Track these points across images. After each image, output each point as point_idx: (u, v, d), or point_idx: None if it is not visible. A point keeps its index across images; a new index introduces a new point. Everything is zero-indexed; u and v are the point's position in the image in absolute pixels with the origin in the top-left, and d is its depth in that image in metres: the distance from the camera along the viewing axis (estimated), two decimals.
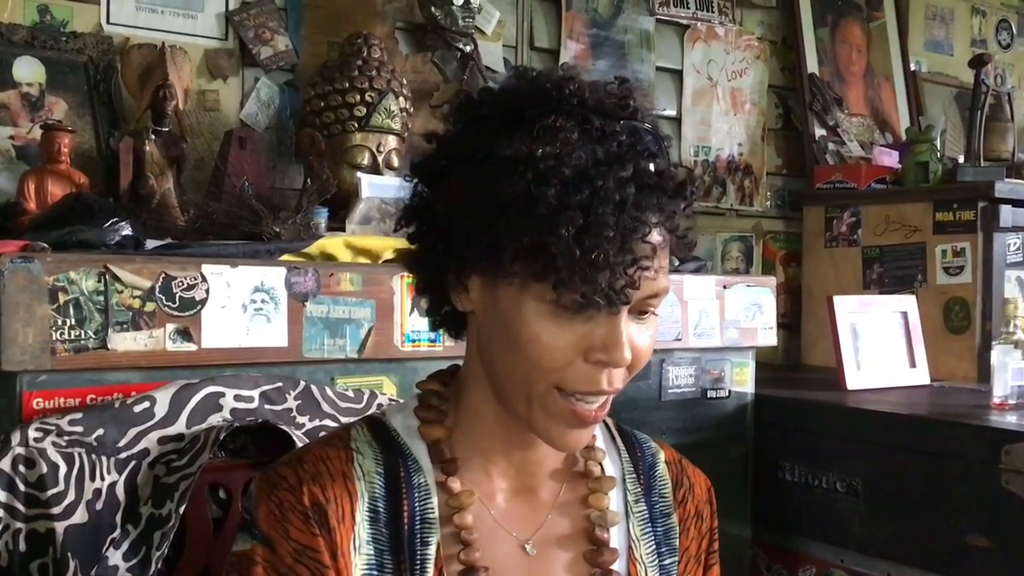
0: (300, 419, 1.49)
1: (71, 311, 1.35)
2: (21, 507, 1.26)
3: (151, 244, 1.56)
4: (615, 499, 1.02)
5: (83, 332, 1.36)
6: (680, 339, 2.05)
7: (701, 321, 2.09)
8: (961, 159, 2.94)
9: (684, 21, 2.92)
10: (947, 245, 2.68)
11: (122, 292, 1.39)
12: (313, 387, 1.52)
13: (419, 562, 0.92)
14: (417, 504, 0.94)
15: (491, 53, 2.49)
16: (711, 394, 2.16)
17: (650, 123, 0.90)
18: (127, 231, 1.53)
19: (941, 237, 2.69)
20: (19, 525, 1.26)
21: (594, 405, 0.89)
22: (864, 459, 2.06)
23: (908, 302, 2.57)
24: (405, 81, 2.11)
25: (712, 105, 2.98)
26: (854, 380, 2.37)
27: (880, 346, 2.46)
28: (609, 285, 0.83)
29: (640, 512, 1.04)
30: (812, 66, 3.14)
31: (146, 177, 1.81)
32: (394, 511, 0.93)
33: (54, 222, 1.52)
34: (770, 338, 2.23)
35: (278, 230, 1.69)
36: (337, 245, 1.69)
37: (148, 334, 1.41)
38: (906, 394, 2.37)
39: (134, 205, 1.75)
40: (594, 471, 1.02)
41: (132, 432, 1.34)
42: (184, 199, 1.88)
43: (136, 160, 1.82)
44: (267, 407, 1.46)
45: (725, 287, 2.14)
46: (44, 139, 1.74)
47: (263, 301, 1.52)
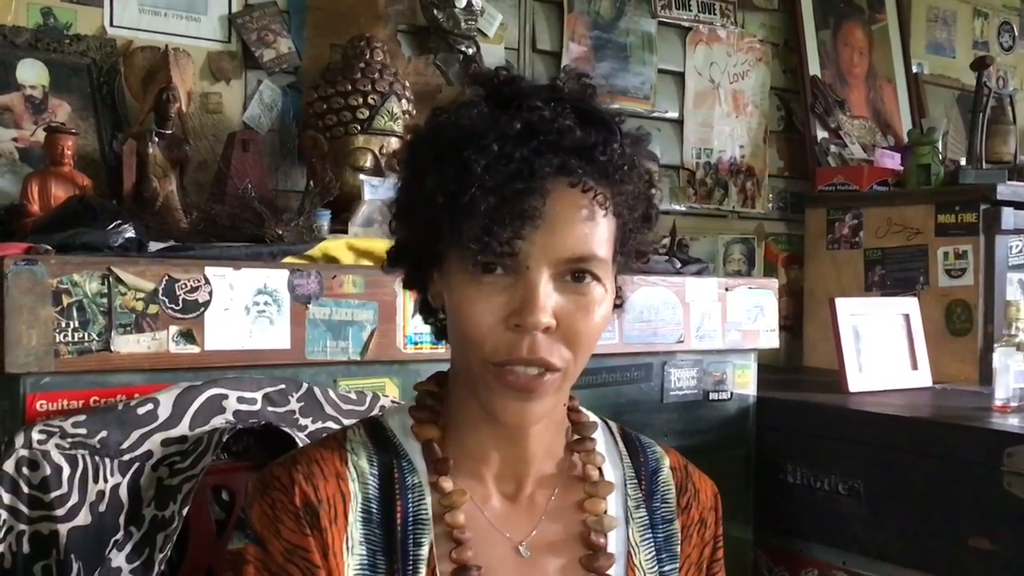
0: (303, 421, 1.49)
1: (75, 313, 1.35)
2: (24, 509, 1.27)
3: (154, 246, 1.56)
4: (614, 504, 1.02)
5: (86, 334, 1.36)
6: (682, 341, 2.05)
7: (703, 323, 2.09)
8: (963, 161, 2.94)
9: (686, 23, 2.92)
10: (949, 247, 2.68)
11: (125, 294, 1.39)
12: (316, 389, 1.52)
13: (411, 562, 0.92)
14: (410, 505, 0.94)
15: (493, 55, 2.49)
16: (713, 396, 2.16)
17: (588, 105, 0.92)
18: (130, 233, 1.53)
19: (943, 239, 2.69)
20: (22, 527, 1.26)
21: (526, 373, 0.88)
22: (866, 461, 2.06)
23: (910, 304, 2.57)
24: (407, 84, 2.11)
25: (714, 107, 2.98)
26: (856, 382, 2.37)
27: (882, 348, 2.47)
28: (488, 234, 0.84)
29: (640, 517, 1.03)
30: (814, 68, 3.14)
31: (149, 179, 1.82)
32: (387, 512, 0.93)
33: (57, 224, 1.52)
34: (772, 340, 2.23)
35: (281, 232, 1.69)
36: (340, 247, 1.69)
37: (151, 336, 1.41)
38: (908, 396, 2.37)
39: (137, 207, 1.76)
40: (592, 475, 1.01)
41: (135, 434, 1.35)
42: (187, 201, 1.88)
43: (139, 162, 1.82)
44: (270, 409, 1.47)
45: (727, 289, 2.14)
46: (47, 141, 1.74)
47: (266, 303, 1.52)
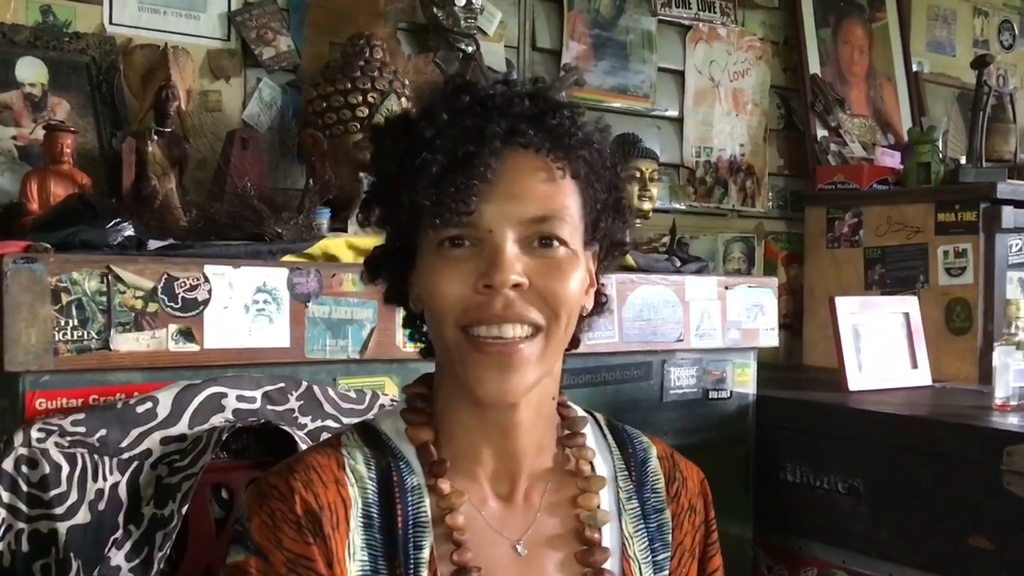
0: (302, 420, 1.49)
1: (74, 312, 1.35)
2: (24, 507, 1.27)
3: (153, 245, 1.56)
4: (607, 498, 1.02)
5: (86, 333, 1.36)
6: (682, 340, 2.05)
7: (703, 322, 2.09)
8: (963, 160, 2.93)
9: (686, 22, 2.92)
10: (949, 246, 2.68)
11: (125, 293, 1.39)
12: (315, 388, 1.52)
13: (413, 565, 0.92)
14: (410, 507, 0.94)
15: (493, 54, 2.49)
16: (713, 395, 2.16)
17: (539, 89, 0.95)
18: (129, 232, 1.53)
19: (943, 238, 2.69)
20: (22, 525, 1.27)
21: (503, 340, 0.89)
22: (866, 460, 2.06)
23: (910, 303, 2.57)
24: (407, 82, 2.11)
25: (714, 106, 2.98)
26: (856, 381, 2.37)
27: (882, 347, 2.46)
28: (437, 194, 0.88)
29: (633, 509, 1.03)
30: (814, 67, 3.14)
31: (148, 178, 1.81)
32: (388, 515, 0.93)
33: (57, 223, 1.52)
34: (772, 339, 2.23)
35: (280, 231, 1.69)
36: (339, 246, 1.69)
37: (151, 335, 1.41)
38: (908, 395, 2.37)
39: (136, 206, 1.75)
40: (584, 470, 1.02)
41: (135, 433, 1.35)
42: (186, 200, 1.88)
43: (139, 161, 1.82)
44: (269, 408, 1.47)
45: (727, 288, 2.14)
46: (47, 140, 1.74)
47: (265, 302, 1.52)
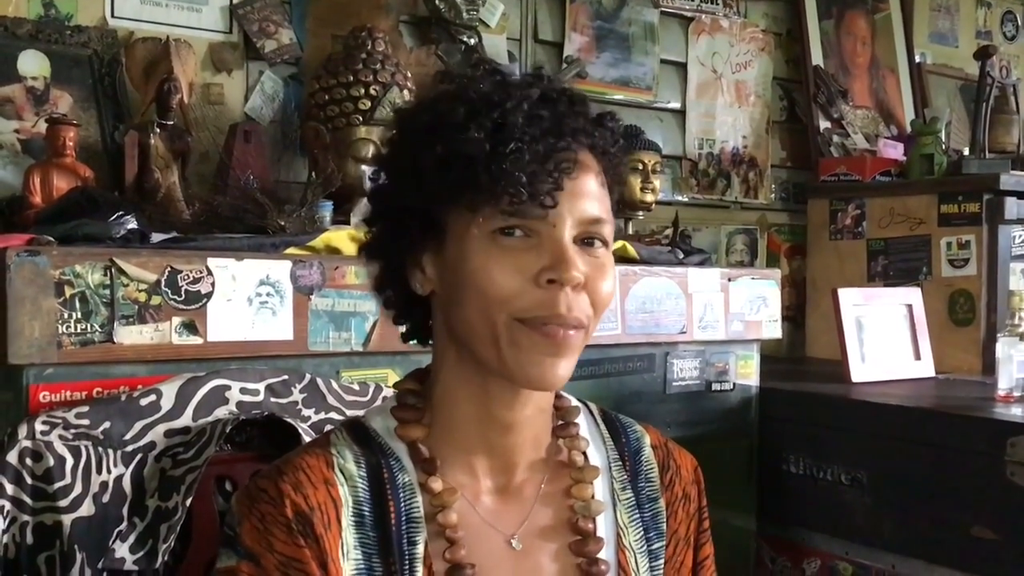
0: (306, 412, 1.49)
1: (77, 304, 1.35)
2: (28, 500, 1.27)
3: (156, 237, 1.56)
4: (601, 488, 1.02)
5: (89, 325, 1.36)
6: (685, 332, 2.05)
7: (705, 314, 2.09)
8: (966, 151, 2.93)
9: (688, 13, 2.91)
10: (952, 237, 2.67)
11: (128, 285, 1.39)
12: (319, 380, 1.52)
13: (407, 562, 0.91)
14: (403, 504, 0.93)
15: (495, 46, 2.48)
16: (715, 387, 2.16)
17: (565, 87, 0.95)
18: (132, 225, 1.53)
19: (946, 229, 2.69)
20: (26, 518, 1.27)
21: (564, 329, 0.89)
22: (869, 452, 2.06)
23: (913, 294, 2.57)
24: (409, 74, 2.10)
25: (716, 98, 2.97)
26: (859, 373, 2.37)
27: (885, 339, 2.46)
28: (531, 184, 0.86)
29: (627, 499, 1.03)
30: (817, 58, 3.14)
31: (151, 171, 1.81)
32: (380, 513, 0.92)
33: (60, 216, 1.52)
34: (775, 331, 2.23)
35: (283, 223, 1.69)
36: (342, 238, 1.69)
37: (154, 327, 1.41)
38: (911, 387, 2.37)
39: (139, 199, 1.75)
40: (577, 461, 1.01)
41: (138, 425, 1.35)
42: (189, 192, 1.88)
43: (141, 154, 1.82)
44: (273, 400, 1.47)
45: (729, 280, 2.14)
46: (49, 133, 1.74)
47: (268, 294, 1.52)
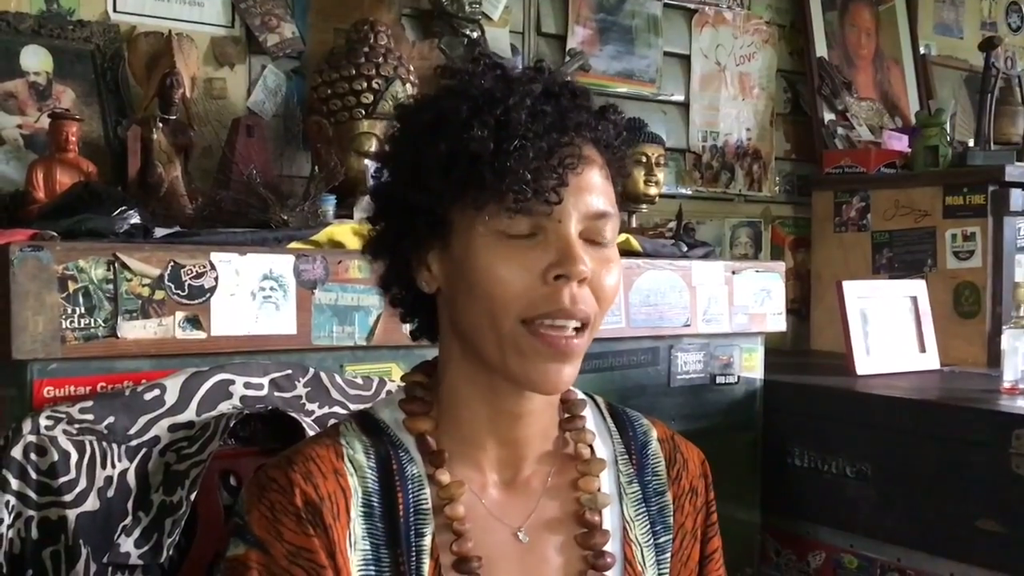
0: (309, 406, 1.49)
1: (81, 299, 1.35)
2: (33, 495, 1.27)
3: (160, 232, 1.56)
4: (607, 481, 1.02)
5: (93, 320, 1.36)
6: (689, 325, 2.05)
7: (710, 307, 2.09)
8: (971, 143, 2.92)
9: (692, 6, 2.90)
10: (957, 229, 2.67)
11: (131, 280, 1.39)
12: (322, 374, 1.52)
13: (415, 553, 0.91)
14: (411, 495, 0.93)
15: (498, 39, 2.48)
16: (720, 380, 2.16)
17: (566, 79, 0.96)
18: (135, 219, 1.53)
19: (951, 221, 2.68)
20: (31, 513, 1.27)
21: (564, 331, 0.88)
22: (874, 444, 2.06)
23: (918, 287, 2.57)
24: (412, 68, 2.10)
25: (720, 90, 2.96)
26: (863, 365, 2.36)
27: (890, 331, 2.46)
28: (535, 181, 0.85)
29: (633, 492, 1.03)
30: (821, 50, 3.12)
31: (154, 165, 1.81)
32: (389, 504, 0.92)
33: (63, 211, 1.52)
34: (779, 324, 2.23)
35: (286, 218, 1.69)
36: (345, 232, 1.69)
37: (157, 322, 1.41)
38: (916, 379, 2.37)
39: (142, 193, 1.75)
40: (583, 453, 1.01)
41: (142, 420, 1.35)
42: (192, 187, 1.88)
43: (144, 148, 1.82)
44: (276, 394, 1.47)
45: (734, 273, 2.14)
46: (52, 128, 1.74)
47: (272, 289, 1.52)
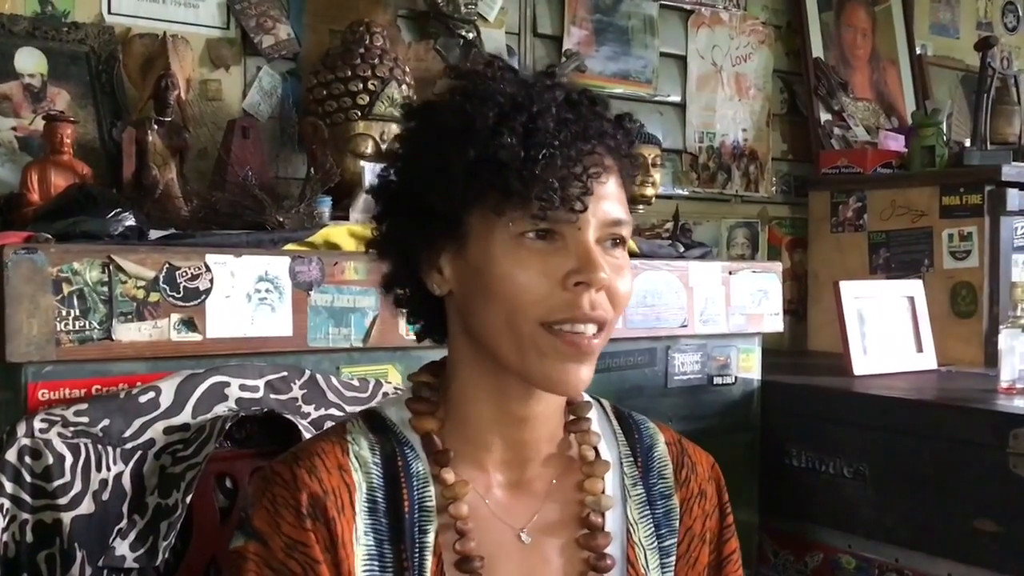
0: (306, 408, 1.49)
1: (75, 302, 1.35)
2: (27, 498, 1.27)
3: (155, 234, 1.55)
4: (611, 483, 1.02)
5: (88, 323, 1.35)
6: (686, 325, 2.05)
7: (707, 307, 2.08)
8: (967, 143, 2.92)
9: (688, 6, 2.90)
10: (954, 229, 2.67)
11: (126, 282, 1.39)
12: (318, 376, 1.52)
13: (418, 550, 0.92)
14: (416, 492, 0.94)
15: (494, 40, 2.48)
16: (717, 380, 2.15)
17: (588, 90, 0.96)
18: (130, 221, 1.53)
19: (948, 221, 2.68)
20: (26, 516, 1.26)
21: (585, 334, 0.90)
22: (871, 444, 2.05)
23: (915, 287, 2.56)
24: (408, 69, 2.10)
25: (717, 91, 2.96)
26: (861, 365, 2.36)
27: (887, 331, 2.46)
28: (562, 190, 0.86)
29: (638, 495, 1.03)
30: (817, 50, 3.13)
31: (149, 167, 1.81)
32: (394, 501, 0.93)
33: (57, 213, 1.51)
34: (776, 324, 2.23)
35: (282, 219, 1.69)
36: (341, 234, 1.68)
37: (152, 324, 1.41)
38: (913, 379, 2.36)
39: (137, 195, 1.75)
40: (588, 455, 1.02)
41: (138, 422, 1.34)
42: (187, 189, 1.87)
43: (139, 150, 1.81)
44: (272, 396, 1.46)
45: (731, 273, 2.14)
46: (47, 130, 1.73)
47: (267, 290, 1.51)
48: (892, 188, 2.82)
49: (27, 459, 1.27)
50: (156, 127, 1.84)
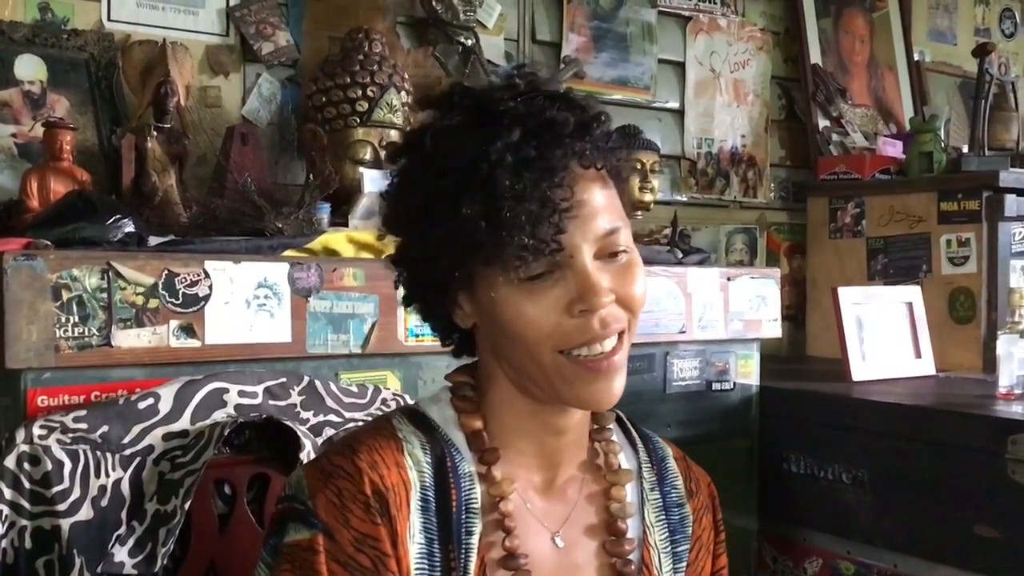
0: (304, 415, 1.49)
1: (74, 308, 1.35)
2: (26, 504, 1.27)
3: (154, 241, 1.56)
4: (631, 490, 1.05)
5: (87, 329, 1.36)
6: (684, 331, 2.05)
7: (705, 313, 2.09)
8: (965, 149, 2.93)
9: (686, 12, 2.91)
10: (952, 235, 2.67)
11: (125, 289, 1.39)
12: (317, 382, 1.52)
13: (464, 550, 0.94)
14: (464, 493, 0.95)
15: (493, 47, 2.48)
16: (716, 386, 2.15)
17: (547, 83, 0.95)
18: (130, 228, 1.53)
19: (946, 227, 2.68)
20: (24, 522, 1.26)
21: (602, 352, 0.91)
22: (870, 450, 2.05)
23: (913, 292, 2.57)
24: (407, 75, 2.10)
25: (715, 97, 2.97)
26: (859, 371, 2.36)
27: (885, 337, 2.46)
28: (535, 238, 0.87)
29: (655, 500, 1.06)
30: (815, 57, 3.13)
31: (148, 174, 1.81)
32: (443, 500, 0.95)
33: (57, 220, 1.52)
34: (775, 330, 2.23)
35: (281, 226, 1.69)
36: (340, 240, 1.69)
37: (152, 331, 1.41)
38: (912, 385, 2.36)
39: (136, 202, 1.75)
40: (613, 463, 1.05)
41: (136, 429, 1.35)
42: (186, 195, 1.87)
43: (138, 157, 1.81)
44: (271, 403, 1.46)
45: (729, 279, 2.14)
46: (46, 137, 1.74)
47: (266, 297, 1.52)
48: (890, 194, 2.82)
49: (26, 465, 1.27)
50: (155, 134, 1.84)
